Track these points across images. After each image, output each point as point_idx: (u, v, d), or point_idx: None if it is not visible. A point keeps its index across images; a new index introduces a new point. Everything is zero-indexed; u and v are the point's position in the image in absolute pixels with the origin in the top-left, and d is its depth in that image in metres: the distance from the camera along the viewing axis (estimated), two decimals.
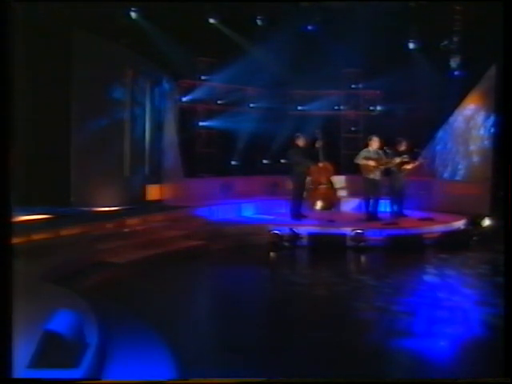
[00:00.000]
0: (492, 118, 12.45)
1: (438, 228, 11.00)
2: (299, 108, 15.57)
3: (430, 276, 8.31)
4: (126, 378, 3.98)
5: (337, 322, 6.01)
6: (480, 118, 12.91)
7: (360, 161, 11.25)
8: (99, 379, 3.86)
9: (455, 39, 13.30)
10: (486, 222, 11.43)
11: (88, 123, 10.99)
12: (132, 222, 9.90)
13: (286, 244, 9.95)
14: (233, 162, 14.84)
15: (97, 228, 9.09)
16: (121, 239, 9.10)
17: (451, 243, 10.25)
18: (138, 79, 11.69)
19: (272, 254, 9.72)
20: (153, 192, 11.97)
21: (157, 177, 12.14)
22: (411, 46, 14.19)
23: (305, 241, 10.06)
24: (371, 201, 11.47)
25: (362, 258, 9.67)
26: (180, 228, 10.32)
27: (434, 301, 6.68)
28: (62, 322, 3.93)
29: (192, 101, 14.08)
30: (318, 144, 11.39)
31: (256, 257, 9.53)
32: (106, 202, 10.93)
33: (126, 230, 9.58)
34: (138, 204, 11.21)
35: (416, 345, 5.09)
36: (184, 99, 13.94)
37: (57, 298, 5.57)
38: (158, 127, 12.28)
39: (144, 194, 11.80)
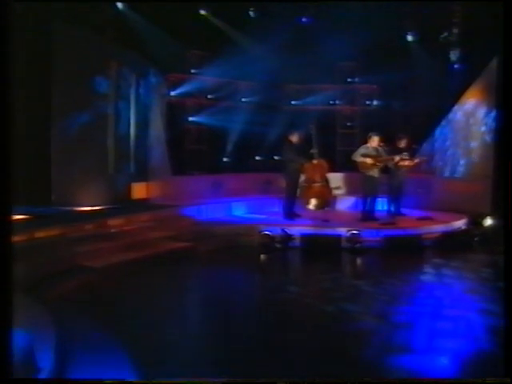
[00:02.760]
0: (494, 113, 12.06)
1: (437, 228, 10.59)
2: (293, 103, 15.16)
3: (429, 281, 7.78)
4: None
5: (329, 332, 5.49)
6: (481, 112, 12.52)
7: (358, 158, 10.84)
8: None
9: (455, 31, 12.82)
10: (488, 222, 11.02)
11: (69, 118, 10.49)
12: (115, 222, 9.38)
13: (278, 245, 9.45)
14: (224, 159, 14.38)
15: (77, 229, 8.53)
16: (102, 241, 8.56)
17: (452, 244, 9.82)
18: (122, 72, 11.15)
19: (262, 256, 9.21)
20: (139, 190, 11.47)
21: (143, 174, 11.64)
22: (409, 38, 13.72)
23: (297, 242, 9.58)
24: (368, 199, 11.08)
25: (358, 261, 9.15)
26: (166, 228, 9.84)
27: (435, 309, 6.17)
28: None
29: (181, 95, 13.59)
30: (314, 151, 10.94)
31: (245, 259, 9.07)
32: (89, 201, 10.42)
33: (108, 231, 9.06)
34: (122, 203, 10.71)
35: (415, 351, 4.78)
36: (173, 93, 13.44)
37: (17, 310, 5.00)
38: (144, 122, 11.76)
39: (129, 192, 11.29)
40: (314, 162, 10.94)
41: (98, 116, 10.72)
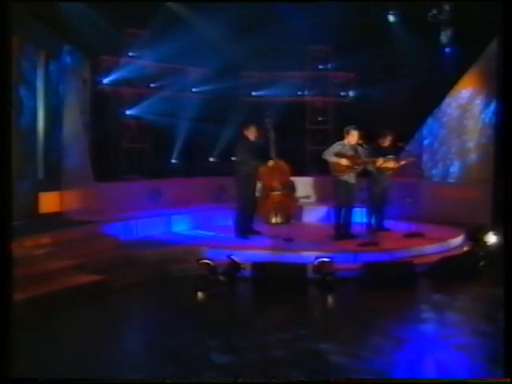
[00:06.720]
0: (493, 105, 11.21)
1: (431, 248, 8.77)
2: (254, 93, 13.79)
3: (426, 338, 5.49)
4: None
5: None
6: (479, 104, 11.54)
7: (330, 157, 9.01)
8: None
9: (446, 7, 11.59)
10: (491, 238, 9.23)
11: None
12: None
13: (221, 278, 7.16)
14: (169, 161, 12.68)
15: None
16: None
17: (451, 272, 7.76)
18: (26, 49, 8.74)
19: (199, 293, 6.90)
20: (49, 202, 9.15)
21: (55, 181, 9.35)
22: (391, 17, 12.39)
23: (248, 272, 7.35)
24: (343, 210, 9.25)
25: (328, 302, 6.87)
26: (74, 254, 7.48)
27: None
28: None
29: (116, 83, 11.61)
30: (270, 136, 9.01)
31: (174, 299, 6.84)
32: None
33: None
34: (25, 219, 8.30)
35: None
36: (106, 81, 11.44)
37: None
38: (57, 115, 9.49)
39: (36, 204, 8.97)
40: (270, 164, 8.87)
41: None
